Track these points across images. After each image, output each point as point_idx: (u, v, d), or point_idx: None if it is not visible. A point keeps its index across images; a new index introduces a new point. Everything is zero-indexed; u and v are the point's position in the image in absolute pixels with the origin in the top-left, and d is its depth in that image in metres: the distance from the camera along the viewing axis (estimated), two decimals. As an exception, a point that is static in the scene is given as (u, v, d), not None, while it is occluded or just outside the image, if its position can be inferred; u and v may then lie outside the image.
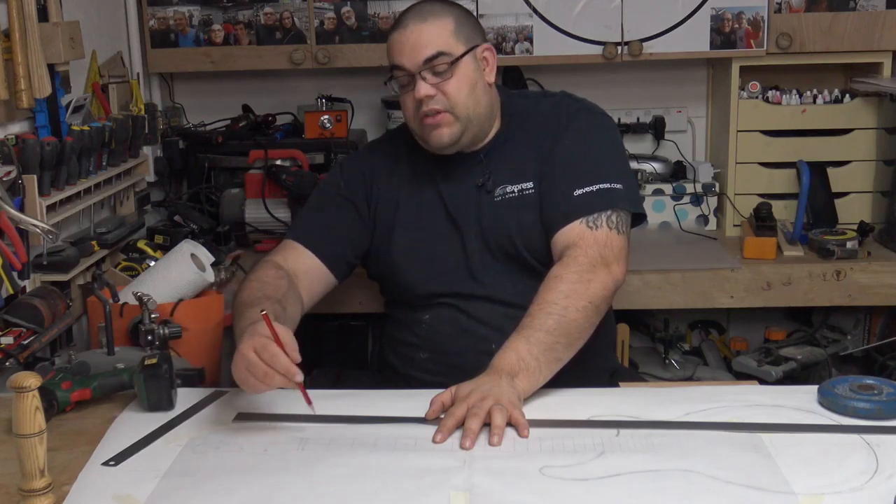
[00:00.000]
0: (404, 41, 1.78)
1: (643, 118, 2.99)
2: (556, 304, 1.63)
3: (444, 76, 1.78)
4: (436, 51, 1.77)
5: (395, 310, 1.98)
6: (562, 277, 1.68)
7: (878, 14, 2.64)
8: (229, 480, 1.25)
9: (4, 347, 1.68)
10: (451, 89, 1.79)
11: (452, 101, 1.79)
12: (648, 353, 2.86)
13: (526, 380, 1.51)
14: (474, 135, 1.85)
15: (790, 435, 1.35)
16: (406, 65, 1.78)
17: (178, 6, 2.73)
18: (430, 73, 1.78)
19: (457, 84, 1.79)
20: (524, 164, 1.86)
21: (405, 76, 1.80)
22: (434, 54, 1.77)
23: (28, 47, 1.87)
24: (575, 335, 1.63)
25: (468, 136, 1.84)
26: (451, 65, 1.78)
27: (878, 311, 2.70)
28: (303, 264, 1.87)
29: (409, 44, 1.78)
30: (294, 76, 2.97)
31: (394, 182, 1.93)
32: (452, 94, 1.79)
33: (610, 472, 1.25)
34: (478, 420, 1.37)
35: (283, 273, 1.80)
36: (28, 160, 1.83)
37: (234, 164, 2.75)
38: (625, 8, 2.68)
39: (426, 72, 1.77)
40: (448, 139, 1.81)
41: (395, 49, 1.80)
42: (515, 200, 1.84)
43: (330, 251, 1.89)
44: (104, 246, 2.14)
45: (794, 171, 2.70)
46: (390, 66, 1.82)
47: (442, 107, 1.78)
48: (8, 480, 1.24)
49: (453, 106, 1.79)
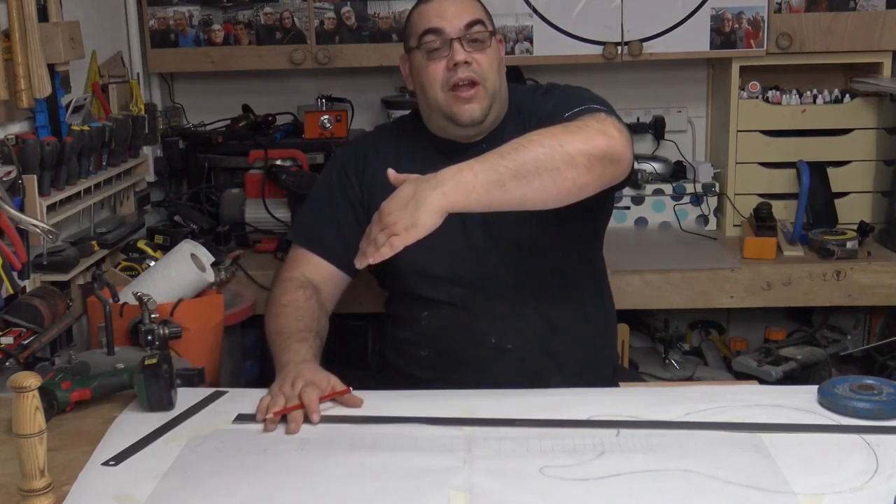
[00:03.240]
0: (446, 6, 1.79)
1: (643, 118, 2.99)
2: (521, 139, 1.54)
3: (479, 46, 1.78)
4: (477, 17, 1.79)
5: (395, 308, 1.98)
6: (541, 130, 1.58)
7: (878, 14, 2.64)
8: (229, 480, 1.25)
9: (4, 347, 1.68)
10: (485, 61, 1.79)
11: (484, 73, 1.78)
12: (648, 353, 2.86)
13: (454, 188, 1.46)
14: (495, 117, 1.85)
15: (790, 435, 1.35)
16: (446, 28, 1.78)
17: (178, 6, 2.73)
18: (468, 41, 1.78)
19: (489, 58, 1.80)
20: None
21: (439, 41, 1.78)
22: (476, 20, 1.79)
23: (28, 47, 1.87)
24: (529, 167, 1.49)
25: (492, 116, 1.83)
26: (489, 35, 1.80)
27: (878, 311, 2.70)
28: (319, 275, 1.89)
29: (452, 8, 1.79)
30: (294, 76, 2.98)
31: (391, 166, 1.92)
32: (485, 66, 1.79)
33: (610, 472, 1.25)
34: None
35: (310, 293, 1.83)
36: (28, 160, 1.83)
37: (234, 164, 2.75)
38: (625, 8, 2.68)
39: (465, 39, 1.78)
40: (479, 114, 1.80)
41: (432, 13, 1.80)
42: None
43: (341, 253, 1.89)
44: (104, 246, 2.14)
45: (794, 171, 2.70)
46: (420, 33, 1.80)
47: (476, 76, 1.78)
48: (8, 480, 1.24)
49: (485, 78, 1.79)
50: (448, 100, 1.79)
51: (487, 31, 1.80)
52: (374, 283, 2.07)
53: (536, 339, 1.85)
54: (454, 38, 1.77)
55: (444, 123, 1.84)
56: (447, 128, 1.85)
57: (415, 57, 1.83)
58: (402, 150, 1.94)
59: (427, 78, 1.80)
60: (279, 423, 1.43)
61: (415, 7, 1.85)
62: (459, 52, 1.77)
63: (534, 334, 1.84)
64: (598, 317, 1.96)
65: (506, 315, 1.84)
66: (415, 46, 1.82)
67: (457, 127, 1.82)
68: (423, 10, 1.81)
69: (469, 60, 1.77)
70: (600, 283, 1.99)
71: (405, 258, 1.88)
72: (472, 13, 1.80)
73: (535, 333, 1.85)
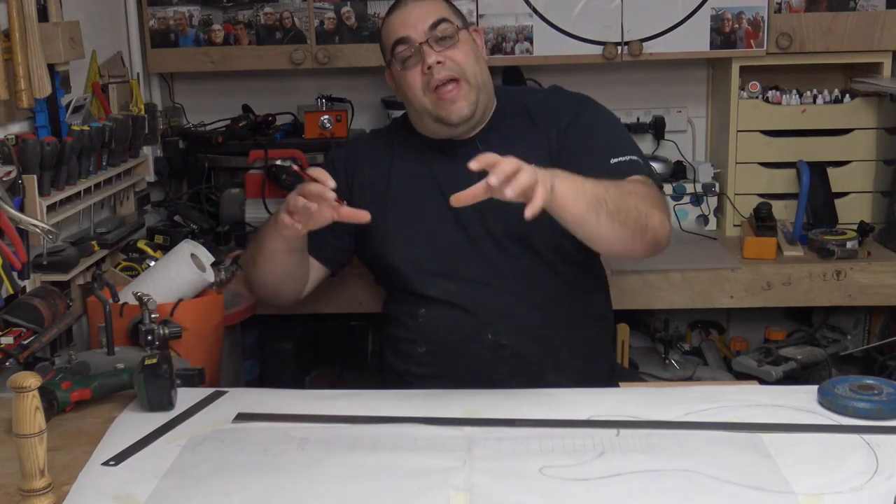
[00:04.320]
0: (407, 14, 1.82)
1: (643, 118, 2.99)
2: (621, 185, 1.66)
3: (449, 42, 1.80)
4: (440, 16, 1.81)
5: (392, 307, 1.98)
6: (633, 188, 1.70)
7: (878, 14, 2.64)
8: (229, 480, 1.25)
9: (4, 347, 1.68)
10: (459, 55, 1.81)
11: (462, 66, 1.80)
12: (648, 353, 2.86)
13: (566, 177, 1.53)
14: (483, 109, 1.86)
15: (790, 435, 1.35)
16: (411, 34, 1.80)
17: (178, 6, 2.73)
18: (435, 42, 1.79)
19: (464, 51, 1.81)
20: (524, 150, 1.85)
21: (409, 50, 1.81)
22: (438, 20, 1.80)
23: (28, 47, 1.87)
24: (622, 216, 1.60)
25: (480, 109, 1.85)
26: (456, 30, 1.81)
27: (878, 311, 2.70)
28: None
29: (413, 15, 1.81)
30: (294, 76, 2.97)
31: (382, 168, 1.94)
32: (461, 60, 1.80)
33: (610, 472, 1.25)
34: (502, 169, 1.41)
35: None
36: (28, 160, 1.83)
37: (234, 164, 2.75)
38: (625, 8, 2.68)
39: (432, 40, 1.79)
40: (468, 110, 1.82)
41: (396, 24, 1.83)
42: None
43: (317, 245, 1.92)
44: (104, 246, 2.14)
45: (794, 171, 2.70)
46: (391, 45, 1.83)
47: (454, 73, 1.79)
48: (8, 480, 1.24)
49: (464, 71, 1.81)
50: (433, 103, 1.82)
51: (454, 26, 1.82)
52: (374, 284, 2.07)
53: (533, 336, 1.85)
54: (422, 43, 1.80)
55: (435, 126, 1.86)
56: (439, 130, 1.87)
57: (394, 68, 1.86)
58: (396, 151, 1.95)
59: (408, 87, 1.84)
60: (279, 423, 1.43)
61: (382, 21, 1.89)
62: (430, 54, 1.79)
63: (530, 330, 1.85)
64: (595, 313, 1.96)
65: (502, 311, 1.84)
66: (391, 59, 1.85)
67: (448, 127, 1.85)
68: (389, 23, 1.85)
69: (441, 59, 1.79)
70: (598, 278, 2.00)
71: (402, 254, 1.89)
72: (434, 13, 1.81)
73: (531, 330, 1.85)
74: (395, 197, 1.91)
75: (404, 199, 1.90)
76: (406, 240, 1.89)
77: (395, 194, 1.91)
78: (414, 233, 1.89)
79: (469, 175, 1.85)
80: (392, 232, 1.89)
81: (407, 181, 1.91)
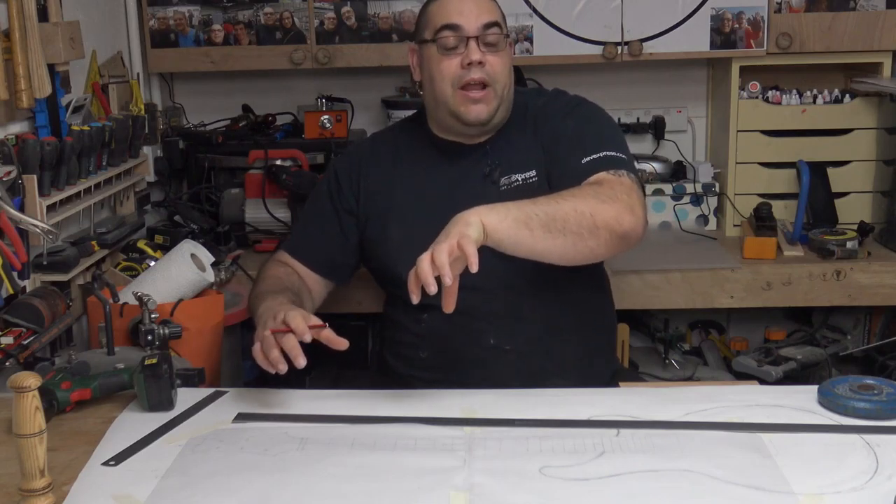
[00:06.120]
0: (466, 3, 1.80)
1: (643, 118, 2.99)
2: (556, 196, 1.62)
3: (494, 48, 1.79)
4: (495, 19, 1.80)
5: (394, 312, 1.98)
6: (575, 190, 1.66)
7: (878, 14, 2.64)
8: (229, 480, 1.25)
9: (4, 347, 1.68)
10: (498, 64, 1.80)
11: (496, 75, 1.79)
12: (648, 353, 2.86)
13: (488, 210, 1.51)
14: (500, 120, 1.86)
15: (790, 435, 1.35)
16: (465, 25, 1.78)
17: (178, 6, 2.73)
18: (483, 42, 1.79)
19: (502, 60, 1.81)
20: (525, 154, 1.86)
21: (455, 38, 1.79)
22: (493, 21, 1.80)
23: (28, 47, 1.87)
24: (558, 224, 1.56)
25: (497, 119, 1.84)
26: (504, 38, 1.81)
27: (878, 311, 2.71)
28: (301, 269, 1.96)
29: (472, 6, 1.79)
30: (294, 76, 2.98)
31: (389, 171, 1.93)
32: (498, 68, 1.80)
33: (610, 472, 1.25)
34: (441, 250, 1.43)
35: (291, 270, 1.92)
36: (28, 160, 1.83)
37: (234, 164, 2.76)
38: (625, 8, 2.68)
39: (482, 39, 1.78)
40: (486, 116, 1.81)
41: (452, 8, 1.80)
42: (520, 189, 1.83)
43: (322, 260, 1.95)
44: (104, 246, 2.14)
45: (794, 171, 2.70)
46: (437, 27, 1.80)
47: (488, 78, 1.79)
48: (8, 480, 1.24)
49: (495, 81, 1.80)
50: (456, 97, 1.80)
51: (503, 34, 1.82)
52: (374, 284, 2.07)
53: (535, 340, 1.85)
54: (471, 37, 1.78)
55: (448, 120, 1.85)
56: (451, 125, 1.85)
57: (428, 50, 1.83)
58: (401, 153, 1.94)
59: (439, 73, 1.81)
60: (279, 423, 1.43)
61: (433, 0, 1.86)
62: (475, 51, 1.77)
63: (532, 335, 1.84)
64: (597, 317, 1.96)
65: (504, 315, 1.83)
66: (429, 39, 1.82)
67: (461, 125, 1.83)
68: (443, 4, 1.82)
69: (483, 61, 1.78)
70: (600, 283, 1.99)
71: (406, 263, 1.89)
72: (491, 14, 1.81)
73: (533, 334, 1.85)
74: (399, 204, 1.90)
75: (408, 205, 1.89)
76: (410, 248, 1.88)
77: (399, 201, 1.90)
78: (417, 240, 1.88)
79: (474, 181, 1.86)
80: (396, 240, 1.88)
81: (411, 187, 1.91)
